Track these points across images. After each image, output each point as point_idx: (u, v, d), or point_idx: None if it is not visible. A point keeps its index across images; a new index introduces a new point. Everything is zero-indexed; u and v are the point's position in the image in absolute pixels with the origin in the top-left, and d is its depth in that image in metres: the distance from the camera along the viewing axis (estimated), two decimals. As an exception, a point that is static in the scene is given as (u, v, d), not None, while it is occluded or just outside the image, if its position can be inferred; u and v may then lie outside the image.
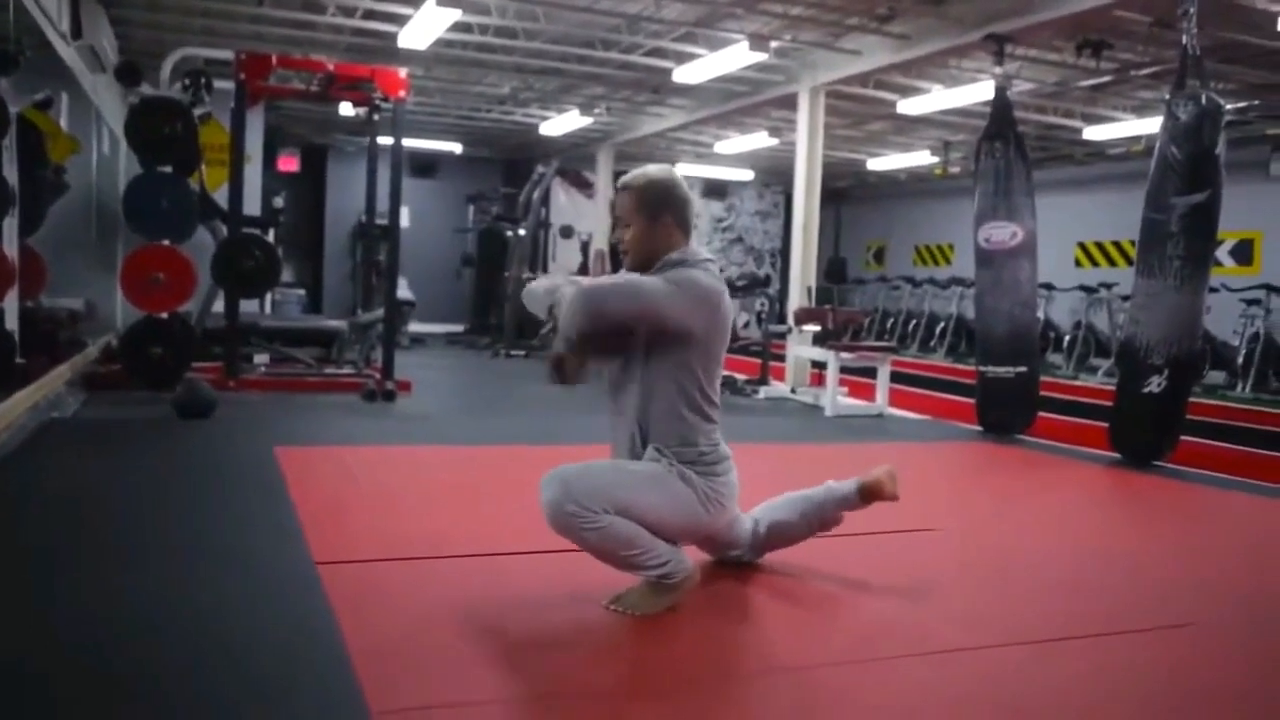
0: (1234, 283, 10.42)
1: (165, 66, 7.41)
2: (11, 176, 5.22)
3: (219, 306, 7.05)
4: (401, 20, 8.01)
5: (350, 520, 3.54)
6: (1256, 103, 9.62)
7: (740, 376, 8.73)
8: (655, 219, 2.68)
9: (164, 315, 6.50)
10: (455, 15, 7.42)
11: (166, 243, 6.51)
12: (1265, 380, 9.84)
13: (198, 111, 6.88)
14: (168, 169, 6.49)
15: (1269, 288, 10.23)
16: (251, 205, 8.53)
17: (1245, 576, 3.38)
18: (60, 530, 3.27)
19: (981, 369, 6.54)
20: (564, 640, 2.46)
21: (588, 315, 2.50)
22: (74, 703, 1.97)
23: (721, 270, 2.80)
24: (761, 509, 3.05)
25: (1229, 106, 6.67)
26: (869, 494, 3.04)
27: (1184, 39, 5.37)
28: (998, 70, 6.80)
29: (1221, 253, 11.01)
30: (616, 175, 2.83)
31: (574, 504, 2.46)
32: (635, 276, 2.63)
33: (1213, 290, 5.55)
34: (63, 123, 6.99)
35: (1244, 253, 11.56)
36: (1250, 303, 10.21)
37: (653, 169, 2.76)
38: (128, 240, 7.85)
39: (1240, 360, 9.97)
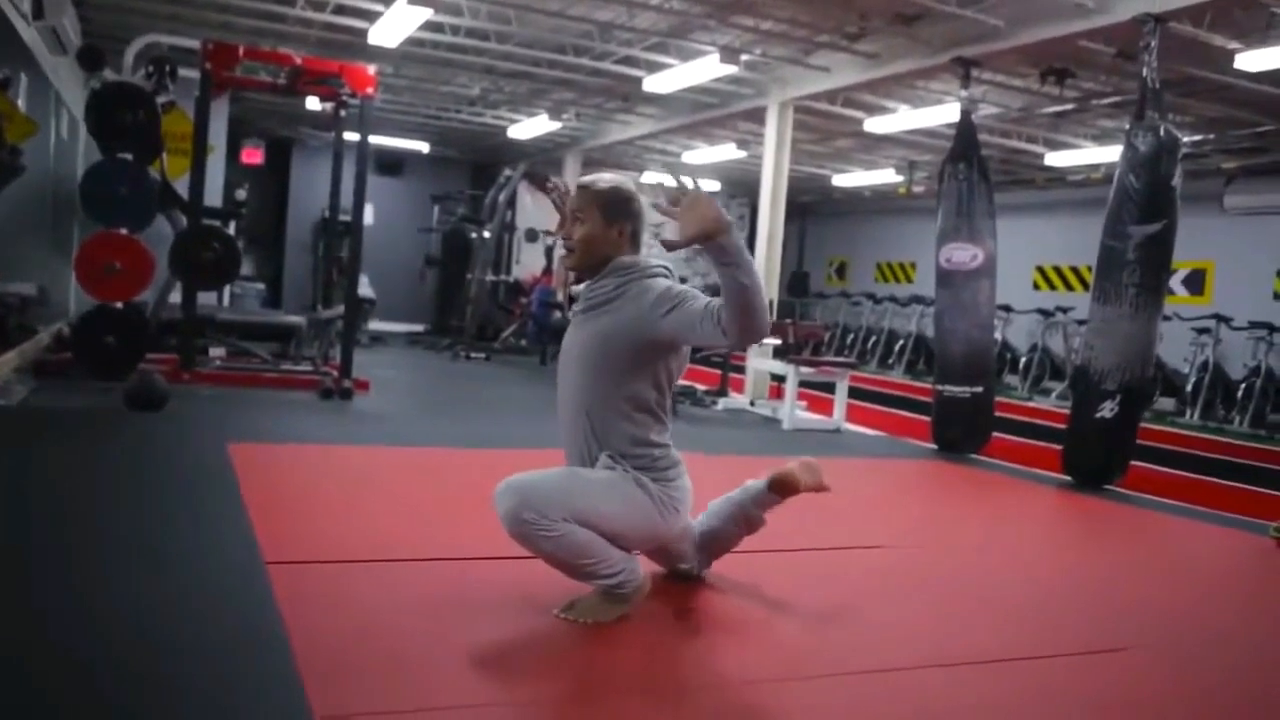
0: (1185, 311, 10.63)
1: (129, 52, 7.32)
2: (-35, 157, 5.12)
3: (176, 297, 6.95)
4: (372, 17, 7.96)
5: (302, 520, 3.50)
6: (1212, 136, 9.83)
7: (700, 387, 8.75)
8: (610, 224, 2.68)
9: (119, 304, 6.40)
10: (427, 14, 7.39)
11: (124, 231, 6.41)
12: (1213, 408, 10.04)
13: (161, 99, 6.79)
14: (128, 156, 6.39)
15: (1219, 317, 10.45)
16: (213, 196, 8.43)
17: (1186, 602, 3.44)
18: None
19: (938, 388, 6.61)
20: (513, 647, 2.45)
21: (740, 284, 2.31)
22: (6, 706, 1.93)
23: (684, 280, 2.81)
24: (696, 519, 3.04)
25: (1186, 139, 6.81)
26: (781, 487, 3.00)
27: (1144, 71, 5.49)
28: (963, 93, 6.89)
29: (1174, 282, 11.22)
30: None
31: (532, 512, 2.45)
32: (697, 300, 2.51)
33: (1165, 319, 5.65)
34: (20, 104, 6.87)
35: (1196, 282, 11.80)
36: (1201, 331, 10.42)
37: (614, 176, 2.78)
38: (84, 226, 7.72)
39: (1190, 388, 10.16)
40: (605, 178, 2.75)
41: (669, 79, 8.75)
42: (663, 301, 2.54)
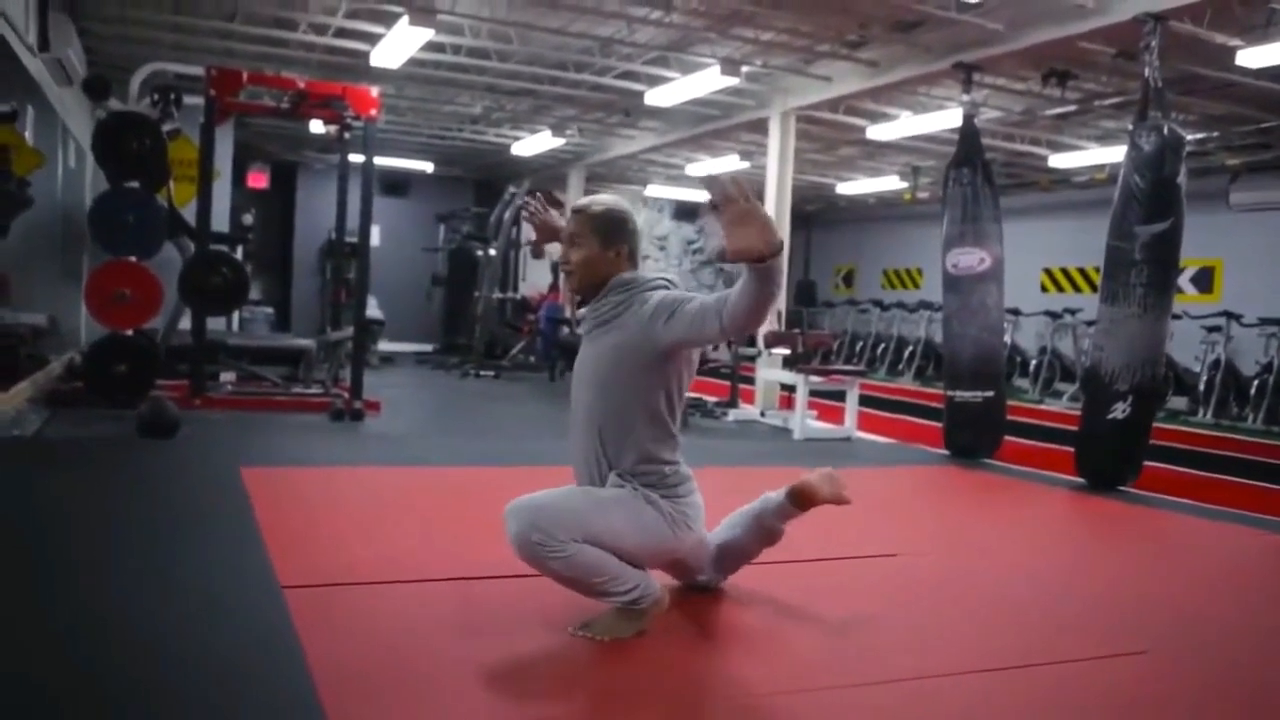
0: (1195, 310, 10.59)
1: (134, 81, 7.35)
2: (-25, 190, 5.16)
3: (185, 324, 6.97)
4: (374, 39, 8.00)
5: (317, 542, 3.50)
6: (1216, 134, 9.82)
7: (710, 399, 8.75)
8: (607, 246, 2.71)
9: (129, 332, 6.43)
10: (428, 35, 7.42)
11: (133, 259, 6.44)
12: (1226, 406, 9.99)
13: (167, 127, 6.84)
14: (135, 184, 6.42)
15: (1229, 315, 10.40)
16: (220, 222, 8.48)
17: (1204, 602, 3.41)
18: (17, 552, 3.21)
19: (949, 393, 6.59)
20: (531, 667, 2.44)
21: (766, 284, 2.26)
22: (30, 730, 1.94)
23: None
24: (714, 531, 3.04)
25: (1190, 137, 6.80)
26: (801, 498, 2.97)
27: (1146, 71, 5.48)
28: (965, 98, 6.90)
29: (1183, 280, 11.18)
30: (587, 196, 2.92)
31: (540, 533, 2.45)
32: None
33: (1175, 317, 5.64)
34: (28, 136, 6.92)
35: (1205, 280, 11.77)
36: (1211, 329, 10.37)
37: (608, 198, 2.80)
38: (93, 255, 7.76)
39: (1202, 386, 10.11)
40: (600, 200, 2.78)
41: (670, 92, 8.78)
42: (662, 310, 2.56)
